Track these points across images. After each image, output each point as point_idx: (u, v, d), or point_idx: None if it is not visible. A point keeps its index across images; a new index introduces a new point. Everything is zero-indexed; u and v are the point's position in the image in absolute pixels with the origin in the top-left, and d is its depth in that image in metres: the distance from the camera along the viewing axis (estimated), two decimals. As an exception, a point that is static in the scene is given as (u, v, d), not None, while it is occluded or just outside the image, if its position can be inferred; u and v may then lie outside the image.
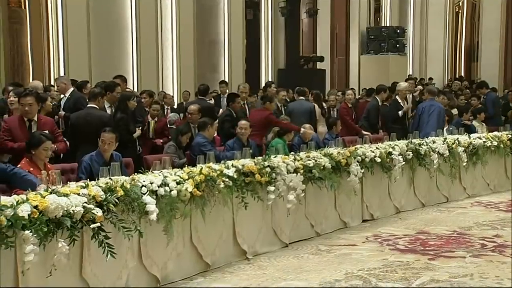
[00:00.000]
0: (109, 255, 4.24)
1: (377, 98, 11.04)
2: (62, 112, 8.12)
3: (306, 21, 21.16)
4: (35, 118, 6.37)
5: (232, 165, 5.69)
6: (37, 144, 5.58)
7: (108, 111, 7.77)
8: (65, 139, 6.85)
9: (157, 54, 14.47)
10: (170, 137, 8.76)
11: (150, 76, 14.06)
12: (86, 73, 12.07)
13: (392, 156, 7.60)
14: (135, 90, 12.27)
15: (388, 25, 24.00)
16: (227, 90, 12.30)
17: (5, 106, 7.37)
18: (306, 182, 6.34)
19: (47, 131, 6.09)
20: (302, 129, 8.85)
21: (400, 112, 10.53)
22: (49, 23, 12.37)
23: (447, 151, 8.47)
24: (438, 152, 8.34)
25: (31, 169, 5.45)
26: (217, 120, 8.87)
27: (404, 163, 7.77)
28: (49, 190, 4.18)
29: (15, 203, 3.83)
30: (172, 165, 5.72)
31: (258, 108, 9.20)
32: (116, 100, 7.79)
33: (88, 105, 7.44)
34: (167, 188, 4.87)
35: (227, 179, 5.45)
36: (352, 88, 16.28)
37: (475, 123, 11.17)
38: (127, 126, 7.72)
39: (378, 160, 7.34)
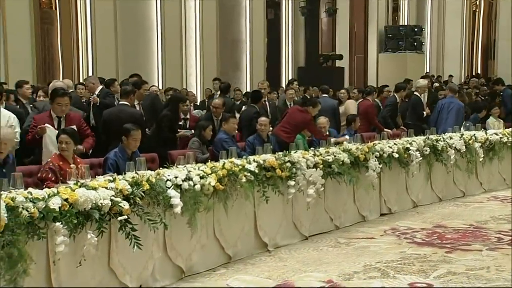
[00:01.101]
0: (135, 247, 4.28)
1: (396, 95, 10.95)
2: (95, 97, 8.17)
3: (326, 20, 21.08)
4: (64, 115, 6.43)
5: (254, 160, 5.70)
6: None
7: (137, 107, 7.82)
8: (93, 134, 6.86)
9: (181, 52, 14.53)
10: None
11: (174, 74, 14.12)
12: (113, 71, 12.16)
13: (410, 151, 7.55)
14: (160, 87, 12.31)
15: (406, 23, 23.81)
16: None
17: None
18: (326, 177, 6.32)
19: (74, 126, 6.14)
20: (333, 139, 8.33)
21: (425, 112, 10.50)
22: (78, 24, 12.49)
23: (464, 146, 8.39)
24: (455, 147, 8.27)
25: (61, 163, 5.50)
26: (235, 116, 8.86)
27: (421, 158, 7.71)
28: (79, 183, 4.22)
29: (46, 196, 3.88)
30: (196, 160, 5.74)
31: (300, 109, 8.87)
32: (143, 97, 7.84)
33: (120, 102, 7.49)
34: (191, 182, 4.89)
35: (248, 174, 5.45)
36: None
37: (491, 119, 11.05)
38: (171, 124, 7.83)
39: (396, 155, 7.30)
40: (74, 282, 4.10)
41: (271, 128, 8.25)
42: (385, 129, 9.62)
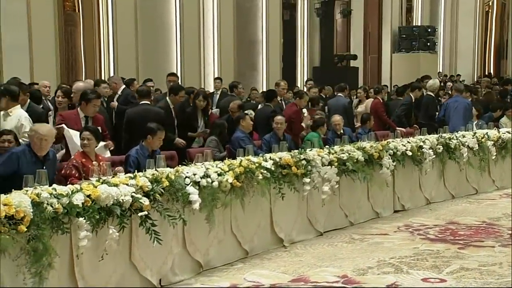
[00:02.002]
0: (155, 241, 4.30)
1: (411, 95, 10.88)
2: (115, 103, 8.24)
3: (340, 21, 21.00)
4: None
5: (270, 157, 5.70)
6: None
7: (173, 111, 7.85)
8: (109, 137, 6.81)
9: (199, 53, 14.56)
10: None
11: (192, 74, 14.15)
12: (134, 71, 12.22)
13: (423, 150, 7.51)
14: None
15: (419, 24, 23.66)
16: (221, 86, 12.07)
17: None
18: (340, 174, 6.31)
19: (99, 127, 6.17)
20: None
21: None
22: (100, 26, 12.59)
23: (477, 145, 8.33)
24: (468, 146, 8.21)
25: (84, 160, 5.53)
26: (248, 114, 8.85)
27: (434, 156, 7.67)
28: (101, 180, 4.25)
29: (70, 192, 3.90)
30: (213, 158, 5.75)
31: (291, 104, 9.02)
32: (179, 102, 7.82)
33: (142, 102, 7.52)
34: (209, 179, 4.90)
35: (265, 171, 5.46)
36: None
37: (504, 118, 10.93)
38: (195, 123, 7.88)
39: (409, 153, 7.26)
40: (97, 276, 4.13)
41: None
42: (398, 128, 9.59)
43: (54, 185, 3.98)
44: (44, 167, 5.07)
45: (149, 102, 7.49)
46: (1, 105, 5.88)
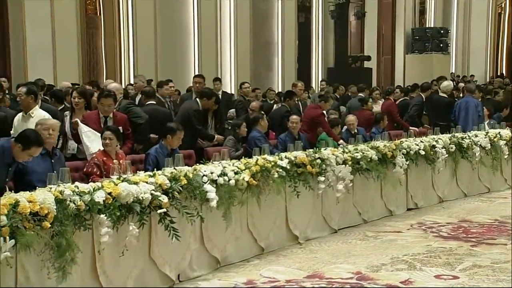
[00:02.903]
0: (174, 238, 4.31)
1: (422, 95, 10.81)
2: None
3: (354, 23, 20.90)
4: (111, 115, 6.43)
5: (285, 156, 5.69)
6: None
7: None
8: (133, 138, 6.72)
9: (216, 54, 14.58)
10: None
11: (209, 75, 14.09)
12: (153, 72, 12.28)
13: (436, 149, 7.46)
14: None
15: (432, 26, 23.47)
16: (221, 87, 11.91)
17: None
18: (354, 173, 6.28)
19: (120, 127, 6.19)
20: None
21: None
22: (121, 28, 12.67)
23: (489, 144, 8.25)
24: (480, 145, 8.13)
25: (105, 158, 5.56)
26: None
27: (447, 155, 7.61)
28: (121, 178, 4.27)
29: (91, 190, 3.93)
30: (230, 156, 5.75)
31: (313, 105, 8.98)
32: (209, 106, 7.79)
33: (149, 102, 7.54)
34: (226, 177, 4.90)
35: (280, 170, 5.45)
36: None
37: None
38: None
39: (422, 152, 7.21)
40: (117, 271, 4.15)
41: None
42: (411, 127, 9.54)
43: (77, 183, 4.01)
44: (52, 161, 5.10)
45: (154, 102, 7.51)
46: (27, 104, 5.89)
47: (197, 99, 7.83)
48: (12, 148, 4.62)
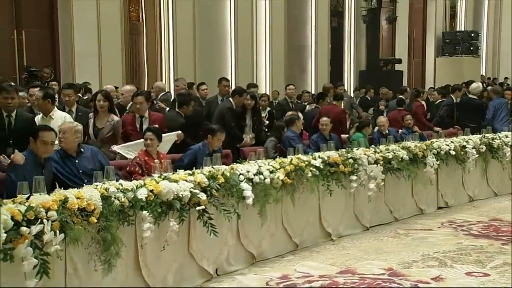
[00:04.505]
0: (212, 234, 4.33)
1: (452, 96, 10.63)
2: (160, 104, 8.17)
3: (386, 27, 20.68)
4: (146, 115, 6.43)
5: (319, 156, 5.67)
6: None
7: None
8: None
9: (252, 57, 14.61)
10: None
11: (245, 77, 14.18)
12: (192, 76, 12.37)
13: (466, 149, 7.32)
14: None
15: (462, 29, 23.05)
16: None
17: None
18: (386, 172, 6.22)
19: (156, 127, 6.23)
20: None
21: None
22: (162, 34, 12.82)
23: (519, 145, 8.07)
24: (511, 145, 7.95)
25: (146, 158, 5.62)
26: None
27: (477, 155, 7.48)
28: (162, 176, 4.31)
29: (134, 188, 3.97)
30: (266, 156, 5.74)
31: (328, 107, 8.95)
32: (242, 103, 7.83)
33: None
34: (261, 176, 4.91)
35: (314, 169, 5.43)
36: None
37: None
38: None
39: (453, 153, 7.10)
40: (158, 264, 4.19)
41: None
42: (435, 128, 9.47)
43: (121, 181, 4.06)
44: (77, 161, 4.97)
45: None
46: (45, 108, 5.75)
47: (230, 98, 7.89)
48: (32, 148, 4.62)
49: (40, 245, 3.24)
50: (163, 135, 5.89)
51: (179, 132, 6.39)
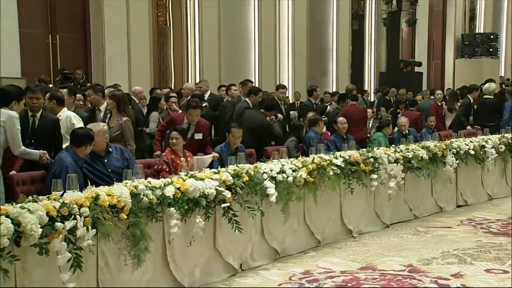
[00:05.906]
0: (237, 230, 4.34)
1: (469, 97, 10.47)
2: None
3: (406, 29, 20.49)
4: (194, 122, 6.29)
5: (340, 155, 5.64)
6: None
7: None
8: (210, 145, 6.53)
9: (275, 59, 14.61)
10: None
11: (268, 79, 14.20)
12: (217, 78, 12.42)
13: (485, 149, 7.21)
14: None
15: (482, 31, 22.70)
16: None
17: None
18: (406, 171, 6.17)
19: (201, 134, 6.20)
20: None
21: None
22: (188, 38, 12.91)
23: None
24: (530, 145, 7.81)
25: (173, 156, 5.64)
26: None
27: (496, 155, 7.35)
28: (189, 174, 4.33)
29: (162, 185, 4.00)
30: (289, 155, 5.72)
31: (348, 108, 8.88)
32: (257, 101, 7.81)
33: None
34: (284, 174, 4.90)
35: (335, 168, 5.40)
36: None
37: None
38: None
39: (472, 152, 7.00)
40: (186, 259, 4.21)
41: None
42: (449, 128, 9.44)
43: (149, 179, 4.09)
44: (106, 161, 5.00)
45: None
46: (51, 109, 5.59)
47: (246, 98, 7.90)
48: (73, 150, 4.67)
49: (73, 240, 3.29)
50: (200, 157, 5.82)
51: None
